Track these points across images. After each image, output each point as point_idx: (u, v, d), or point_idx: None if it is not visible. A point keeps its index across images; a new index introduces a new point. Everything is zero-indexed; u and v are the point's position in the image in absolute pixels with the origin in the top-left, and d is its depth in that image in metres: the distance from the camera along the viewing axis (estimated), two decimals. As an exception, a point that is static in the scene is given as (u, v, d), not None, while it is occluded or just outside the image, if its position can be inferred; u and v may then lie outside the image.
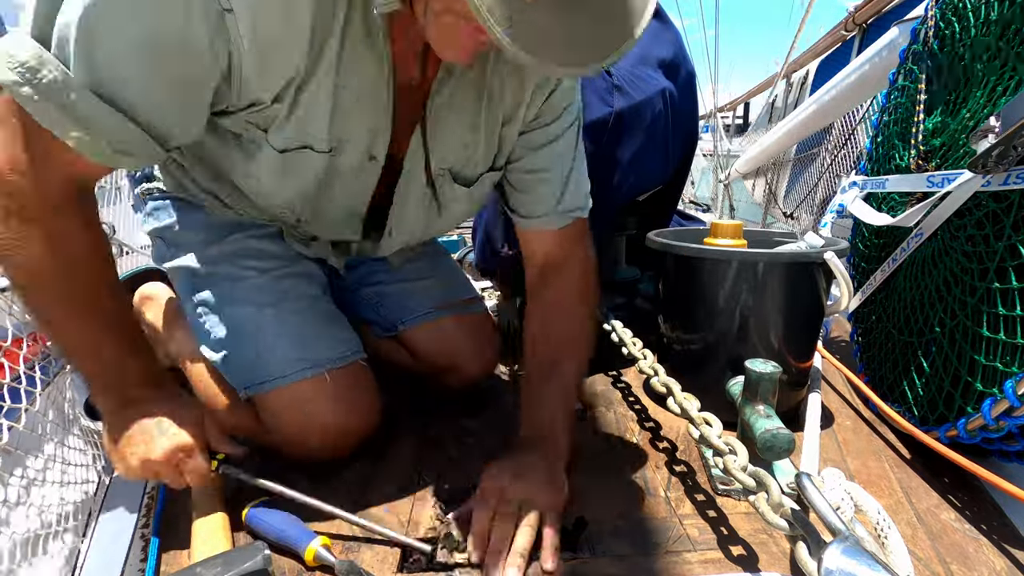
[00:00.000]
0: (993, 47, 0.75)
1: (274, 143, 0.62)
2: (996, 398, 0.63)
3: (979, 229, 0.72)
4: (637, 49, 1.07)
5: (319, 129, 0.62)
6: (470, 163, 0.76)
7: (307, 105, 0.59)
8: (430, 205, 0.79)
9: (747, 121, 5.51)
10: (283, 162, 0.64)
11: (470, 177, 0.77)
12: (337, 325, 0.81)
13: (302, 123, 0.61)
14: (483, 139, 0.74)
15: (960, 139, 0.80)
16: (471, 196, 0.80)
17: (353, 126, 0.64)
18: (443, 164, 0.74)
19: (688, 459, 0.79)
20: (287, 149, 0.63)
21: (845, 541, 0.45)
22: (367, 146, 0.67)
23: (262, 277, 0.77)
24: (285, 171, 0.66)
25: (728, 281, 0.84)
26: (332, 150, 0.65)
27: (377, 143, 0.68)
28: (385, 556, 0.61)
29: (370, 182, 0.72)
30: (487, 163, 0.77)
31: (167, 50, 0.49)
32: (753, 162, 3.03)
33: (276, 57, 0.54)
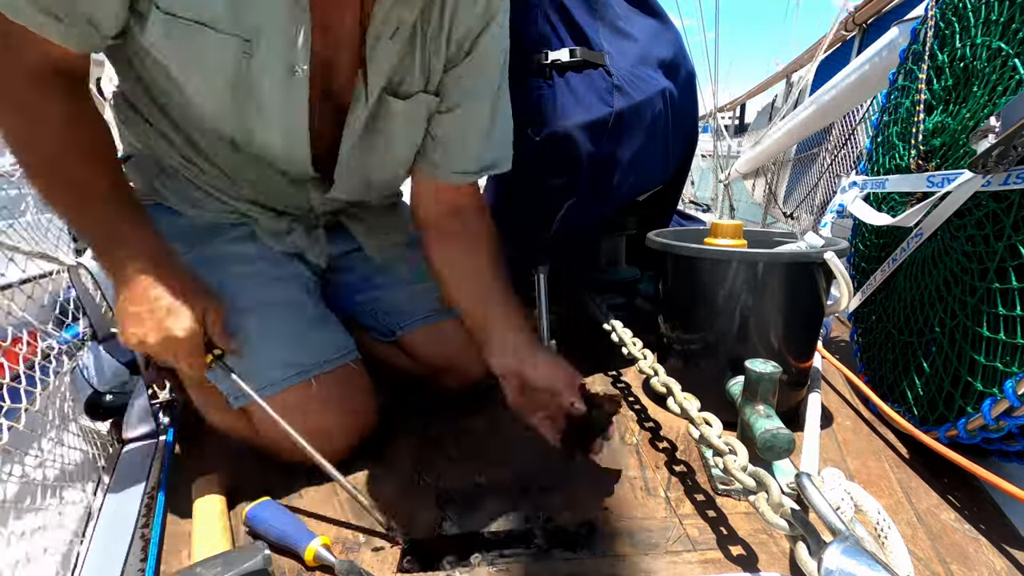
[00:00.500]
0: (993, 47, 0.75)
1: (160, 3, 0.57)
2: (996, 398, 0.63)
3: (979, 229, 0.72)
4: (637, 49, 1.07)
5: (216, 1, 0.57)
6: (406, 79, 0.73)
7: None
8: (373, 128, 0.75)
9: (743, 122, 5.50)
10: (178, 36, 0.59)
11: (405, 93, 0.74)
12: (325, 327, 0.80)
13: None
14: (418, 57, 0.72)
15: (960, 139, 0.79)
16: (409, 118, 0.76)
17: (263, 12, 0.59)
18: (380, 77, 0.70)
19: (688, 459, 0.79)
20: (174, 14, 0.57)
21: (845, 541, 0.45)
22: (285, 49, 0.62)
23: (243, 284, 0.76)
24: (186, 55, 0.61)
25: (728, 281, 0.84)
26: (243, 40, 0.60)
27: (296, 49, 0.62)
28: (385, 556, 0.61)
29: (299, 101, 0.67)
30: (422, 82, 0.74)
31: None
32: (753, 162, 3.03)
33: None
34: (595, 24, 1.05)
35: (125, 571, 0.61)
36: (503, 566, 0.60)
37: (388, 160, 0.81)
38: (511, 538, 0.63)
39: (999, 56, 0.74)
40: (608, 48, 1.04)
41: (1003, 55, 0.73)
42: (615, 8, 1.08)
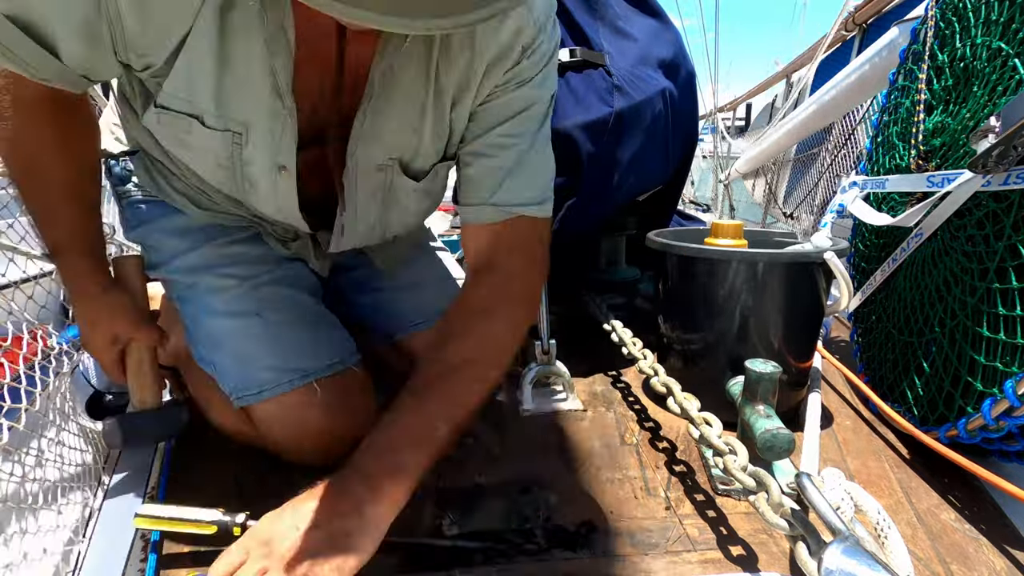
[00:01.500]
0: (994, 47, 0.75)
1: (158, 98, 0.58)
2: (996, 398, 0.63)
3: (979, 229, 0.72)
4: (637, 49, 1.07)
5: (205, 98, 0.57)
6: (420, 153, 0.69)
7: (189, 63, 0.54)
8: (382, 201, 0.73)
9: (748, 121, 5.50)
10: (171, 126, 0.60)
11: (421, 170, 0.71)
12: (326, 330, 0.80)
13: (186, 83, 0.56)
14: (430, 124, 0.66)
15: (960, 139, 0.79)
16: (425, 191, 0.74)
17: (248, 109, 0.59)
18: (392, 153, 0.68)
19: (688, 459, 0.79)
20: (167, 108, 0.58)
21: (845, 541, 0.45)
22: (269, 147, 0.61)
23: (243, 285, 0.75)
24: (180, 139, 0.62)
25: (728, 281, 0.84)
26: (234, 136, 0.60)
27: (283, 151, 0.62)
28: (385, 556, 0.61)
29: (289, 196, 0.67)
30: (438, 153, 0.70)
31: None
32: (753, 162, 3.03)
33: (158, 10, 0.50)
34: (595, 24, 1.05)
35: (125, 571, 0.61)
36: (503, 566, 0.60)
37: (403, 217, 0.79)
38: (511, 538, 0.63)
39: (999, 56, 0.74)
40: (608, 48, 1.04)
41: (1003, 55, 0.73)
42: (615, 8, 1.08)
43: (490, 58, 0.63)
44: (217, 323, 0.74)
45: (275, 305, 0.76)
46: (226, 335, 0.73)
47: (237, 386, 0.73)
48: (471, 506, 0.69)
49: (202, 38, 0.52)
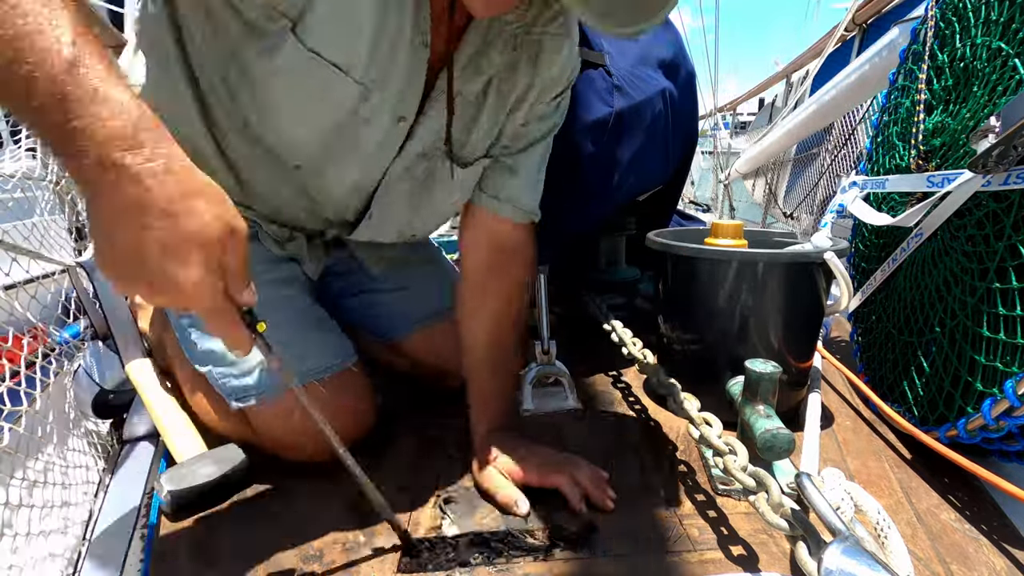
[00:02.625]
0: (994, 47, 0.75)
1: (303, 38, 0.54)
2: (996, 398, 0.63)
3: (979, 229, 0.72)
4: (637, 49, 1.07)
5: (358, 49, 0.57)
6: (469, 144, 0.73)
7: (349, 11, 0.54)
8: (420, 184, 0.75)
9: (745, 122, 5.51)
10: (308, 73, 0.57)
11: (466, 159, 0.75)
12: (324, 331, 0.80)
13: (340, 31, 0.55)
14: (486, 121, 0.72)
15: (960, 139, 0.79)
16: (460, 183, 0.77)
17: (389, 68, 0.60)
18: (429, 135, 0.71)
19: (688, 459, 0.79)
20: (317, 53, 0.55)
21: (845, 541, 0.45)
22: (396, 102, 0.64)
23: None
24: (307, 85, 0.58)
25: (728, 281, 0.84)
26: (364, 88, 0.60)
27: (406, 102, 0.64)
28: (385, 556, 0.62)
29: (391, 149, 0.69)
30: (484, 148, 0.75)
31: None
32: (753, 162, 3.03)
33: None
34: (595, 24, 1.05)
35: (124, 571, 0.61)
36: (503, 566, 0.60)
37: (431, 214, 0.82)
38: (511, 538, 0.63)
39: (999, 56, 0.74)
40: (608, 48, 1.04)
41: (1003, 55, 0.73)
42: (615, 8, 1.08)
43: (546, 82, 0.73)
44: None
45: (272, 306, 0.75)
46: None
47: (236, 389, 0.72)
48: (471, 506, 0.69)
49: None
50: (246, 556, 0.62)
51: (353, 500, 0.71)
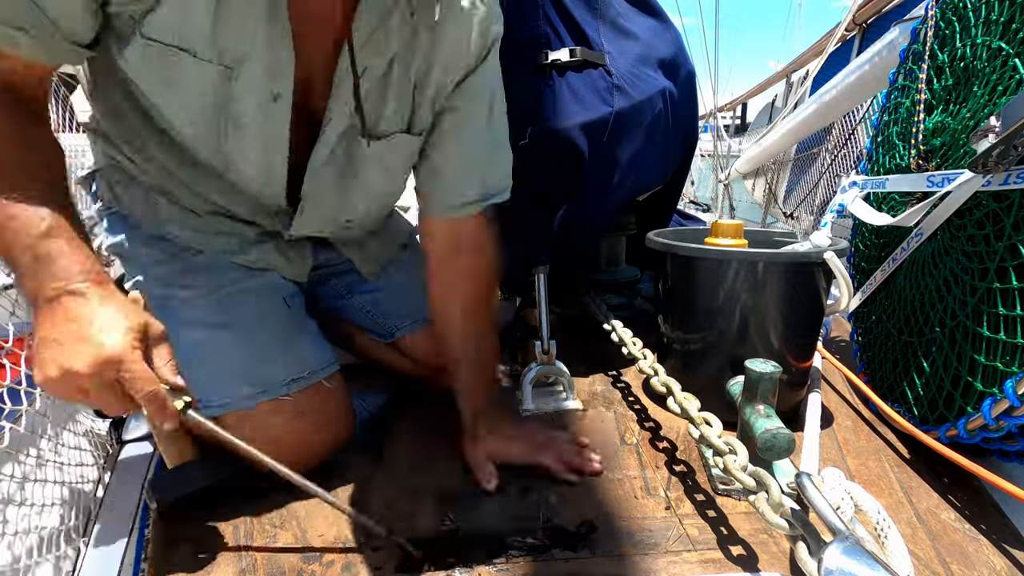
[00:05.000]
0: (994, 47, 0.75)
1: (143, 30, 0.56)
2: (996, 398, 0.63)
3: (979, 229, 0.72)
4: (638, 49, 1.07)
5: (199, 29, 0.56)
6: (383, 120, 0.71)
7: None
8: (344, 167, 0.73)
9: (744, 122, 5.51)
10: (157, 61, 0.57)
11: (381, 133, 0.72)
12: (297, 341, 0.77)
13: (178, 15, 0.55)
14: (393, 94, 0.69)
15: (960, 139, 0.80)
16: (383, 160, 0.74)
17: (245, 40, 0.58)
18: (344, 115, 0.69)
19: (688, 459, 0.79)
20: (156, 40, 0.56)
21: (845, 541, 0.45)
22: (266, 76, 0.61)
23: (214, 295, 0.73)
24: (165, 76, 0.59)
25: (728, 281, 0.84)
26: (224, 67, 0.59)
27: (279, 76, 0.62)
28: (385, 556, 0.61)
29: (280, 129, 0.66)
30: (400, 123, 0.72)
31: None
32: (753, 162, 3.03)
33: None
34: (595, 23, 1.05)
35: (122, 571, 0.61)
36: (503, 566, 0.60)
37: (362, 198, 0.79)
38: (511, 537, 0.63)
39: (999, 56, 0.74)
40: (608, 48, 1.04)
41: (1003, 55, 0.73)
42: (616, 6, 1.08)
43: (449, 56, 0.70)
44: (185, 334, 0.70)
45: (244, 316, 0.74)
46: (193, 347, 0.71)
47: (205, 397, 0.71)
48: (471, 506, 0.69)
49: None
50: (245, 556, 0.62)
51: (354, 498, 0.71)
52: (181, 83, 0.60)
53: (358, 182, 0.76)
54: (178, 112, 0.63)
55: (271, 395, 0.71)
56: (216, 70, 0.59)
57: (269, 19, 0.58)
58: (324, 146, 0.70)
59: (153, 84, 0.61)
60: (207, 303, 0.73)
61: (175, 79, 0.60)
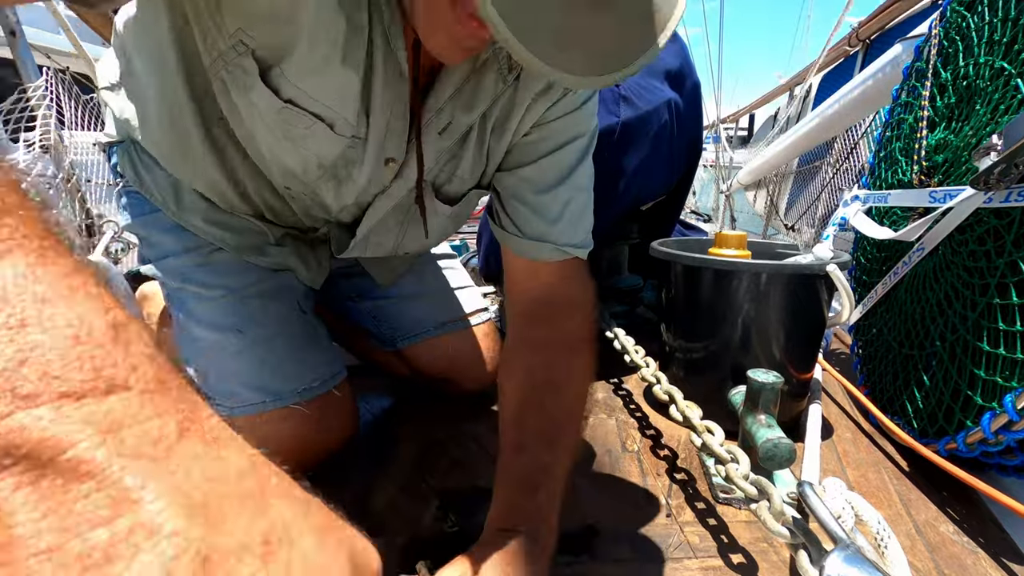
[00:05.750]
0: (996, 66, 0.77)
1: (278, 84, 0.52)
2: (995, 412, 0.64)
3: (980, 245, 0.73)
4: (644, 60, 1.09)
5: (346, 103, 0.55)
6: (456, 177, 0.69)
7: (337, 68, 0.51)
8: (407, 219, 0.74)
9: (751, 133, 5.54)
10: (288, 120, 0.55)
11: (455, 194, 0.71)
12: (308, 349, 0.77)
13: (325, 81, 0.52)
14: (472, 151, 0.66)
15: (963, 156, 0.81)
16: (455, 214, 0.74)
17: (374, 113, 0.57)
18: (427, 175, 0.67)
19: (689, 467, 0.79)
20: (294, 103, 0.53)
21: (847, 549, 0.46)
22: (382, 144, 0.61)
23: (229, 297, 0.73)
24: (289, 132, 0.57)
25: (732, 291, 0.84)
26: (354, 140, 0.59)
27: (392, 142, 0.62)
28: (387, 557, 0.62)
29: (376, 186, 0.66)
30: (474, 179, 0.70)
31: None
32: (755, 174, 3.05)
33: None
34: (603, 35, 1.06)
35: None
36: (505, 569, 0.60)
37: (418, 240, 0.79)
38: (513, 542, 0.64)
39: (1002, 75, 0.75)
40: (616, 59, 1.05)
41: (1005, 74, 0.74)
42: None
43: (535, 92, 0.63)
44: (199, 332, 0.72)
45: (258, 320, 0.74)
46: (205, 346, 0.72)
47: (212, 396, 0.72)
48: (473, 509, 0.70)
49: (355, 42, 0.51)
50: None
51: (353, 500, 0.71)
52: (303, 143, 0.58)
53: (418, 227, 0.74)
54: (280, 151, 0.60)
55: (281, 403, 0.72)
56: (345, 141, 0.59)
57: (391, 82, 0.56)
58: (388, 199, 0.69)
59: (271, 134, 0.58)
60: (222, 304, 0.73)
61: (297, 137, 0.57)
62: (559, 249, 0.68)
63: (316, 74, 0.52)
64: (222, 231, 0.73)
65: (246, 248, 0.75)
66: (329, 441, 0.76)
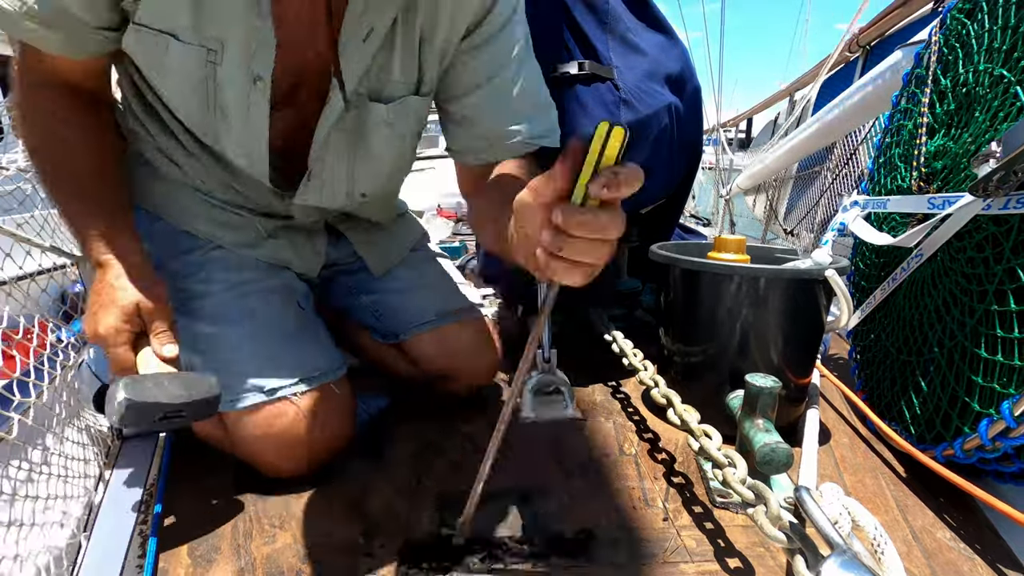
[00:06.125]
0: (996, 74, 0.77)
1: (135, 17, 0.60)
2: (993, 419, 0.64)
3: (979, 252, 0.73)
4: (645, 64, 1.09)
5: (181, 13, 0.59)
6: (390, 81, 0.71)
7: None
8: (350, 137, 0.73)
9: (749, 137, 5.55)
10: (150, 45, 0.62)
11: (390, 95, 0.72)
12: (308, 344, 0.78)
13: (163, 1, 0.59)
14: (398, 57, 0.69)
15: (962, 162, 0.81)
16: (393, 126, 0.74)
17: (225, 23, 0.61)
18: (358, 84, 0.69)
19: (686, 471, 0.79)
20: (146, 26, 0.60)
21: (843, 555, 0.46)
22: (246, 58, 0.63)
23: (225, 294, 0.74)
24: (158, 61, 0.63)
25: (731, 295, 0.84)
26: (207, 50, 0.62)
27: (259, 55, 0.63)
28: (383, 560, 0.62)
29: (259, 114, 0.67)
30: (408, 86, 0.73)
31: None
32: (755, 178, 3.05)
33: None
34: (604, 38, 1.06)
35: (124, 566, 0.61)
36: (501, 572, 0.60)
37: (371, 167, 0.78)
38: (510, 544, 0.64)
39: (1001, 83, 0.75)
40: (616, 62, 1.05)
41: (1005, 82, 0.74)
42: (625, 21, 1.09)
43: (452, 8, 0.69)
44: (198, 328, 0.73)
45: (258, 315, 0.75)
46: (207, 340, 0.73)
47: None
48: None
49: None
50: (244, 556, 0.62)
51: (353, 500, 0.71)
52: (169, 67, 0.64)
53: (368, 149, 0.75)
54: (174, 93, 0.67)
55: (279, 394, 0.72)
56: (198, 52, 0.62)
57: (249, 8, 0.60)
58: (332, 112, 0.69)
59: (150, 69, 0.65)
60: (222, 299, 0.74)
61: (165, 63, 0.63)
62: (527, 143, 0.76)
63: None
64: (219, 228, 0.78)
65: (243, 244, 0.78)
66: (327, 439, 0.76)
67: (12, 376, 0.60)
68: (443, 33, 0.70)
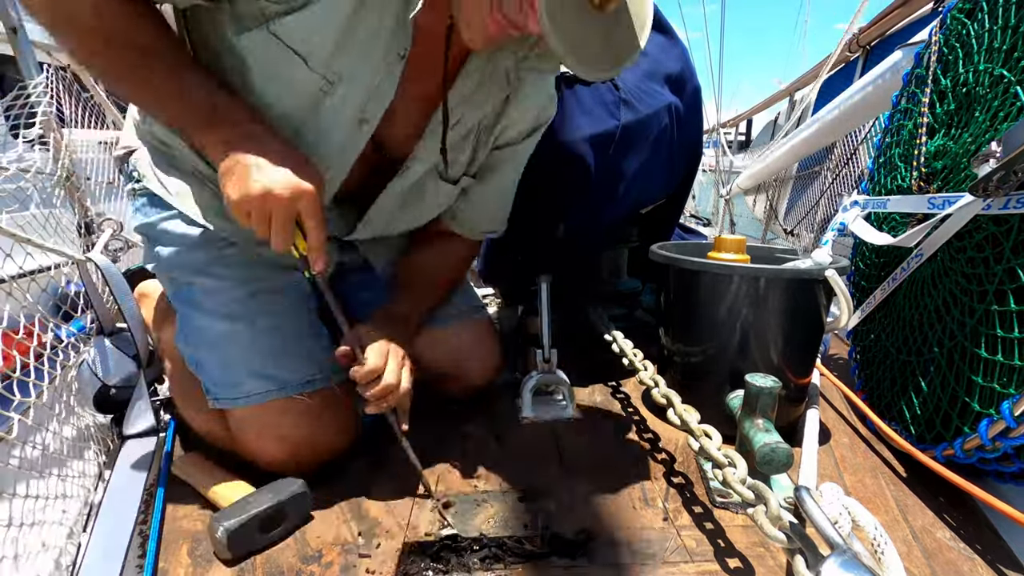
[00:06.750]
0: (996, 74, 0.77)
1: (274, 28, 0.61)
2: (993, 419, 0.64)
3: (979, 251, 0.73)
4: (645, 64, 1.09)
5: (321, 43, 0.62)
6: (455, 163, 0.80)
7: (323, 8, 0.60)
8: (412, 195, 0.82)
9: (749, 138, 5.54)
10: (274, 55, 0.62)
11: (452, 178, 0.82)
12: (313, 344, 0.79)
13: (308, 24, 0.60)
14: (469, 148, 0.80)
15: (962, 162, 0.81)
16: (448, 195, 0.85)
17: (355, 66, 0.64)
18: (430, 158, 0.78)
19: (686, 471, 0.79)
20: (282, 39, 0.61)
21: (843, 555, 0.46)
22: (361, 102, 0.67)
23: (237, 290, 0.75)
24: (274, 71, 0.64)
25: (731, 295, 0.84)
26: (326, 80, 0.64)
27: (371, 105, 0.68)
28: (385, 559, 0.62)
29: (354, 148, 0.71)
30: (464, 167, 0.83)
31: None
32: (755, 178, 3.05)
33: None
34: (605, 38, 1.06)
35: (125, 566, 0.61)
36: (501, 572, 0.60)
37: (416, 214, 0.87)
38: (510, 544, 0.64)
39: (1001, 83, 0.75)
40: (616, 62, 1.05)
41: (1005, 82, 0.74)
42: (624, 23, 1.09)
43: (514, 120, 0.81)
44: (207, 323, 0.73)
45: (266, 313, 0.76)
46: (214, 337, 0.73)
47: (216, 387, 0.73)
48: (471, 511, 0.70)
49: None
50: (245, 556, 0.62)
51: (354, 501, 0.71)
52: (283, 81, 0.65)
53: (419, 206, 0.85)
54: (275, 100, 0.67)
55: (285, 393, 0.73)
56: (318, 80, 0.64)
57: (386, 58, 0.66)
58: (406, 179, 0.79)
59: (260, 72, 0.65)
60: (233, 295, 0.74)
61: (281, 75, 0.64)
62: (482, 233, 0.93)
63: (305, 13, 0.60)
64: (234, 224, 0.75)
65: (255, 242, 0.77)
66: (329, 439, 0.76)
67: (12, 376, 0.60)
68: (509, 135, 0.83)
